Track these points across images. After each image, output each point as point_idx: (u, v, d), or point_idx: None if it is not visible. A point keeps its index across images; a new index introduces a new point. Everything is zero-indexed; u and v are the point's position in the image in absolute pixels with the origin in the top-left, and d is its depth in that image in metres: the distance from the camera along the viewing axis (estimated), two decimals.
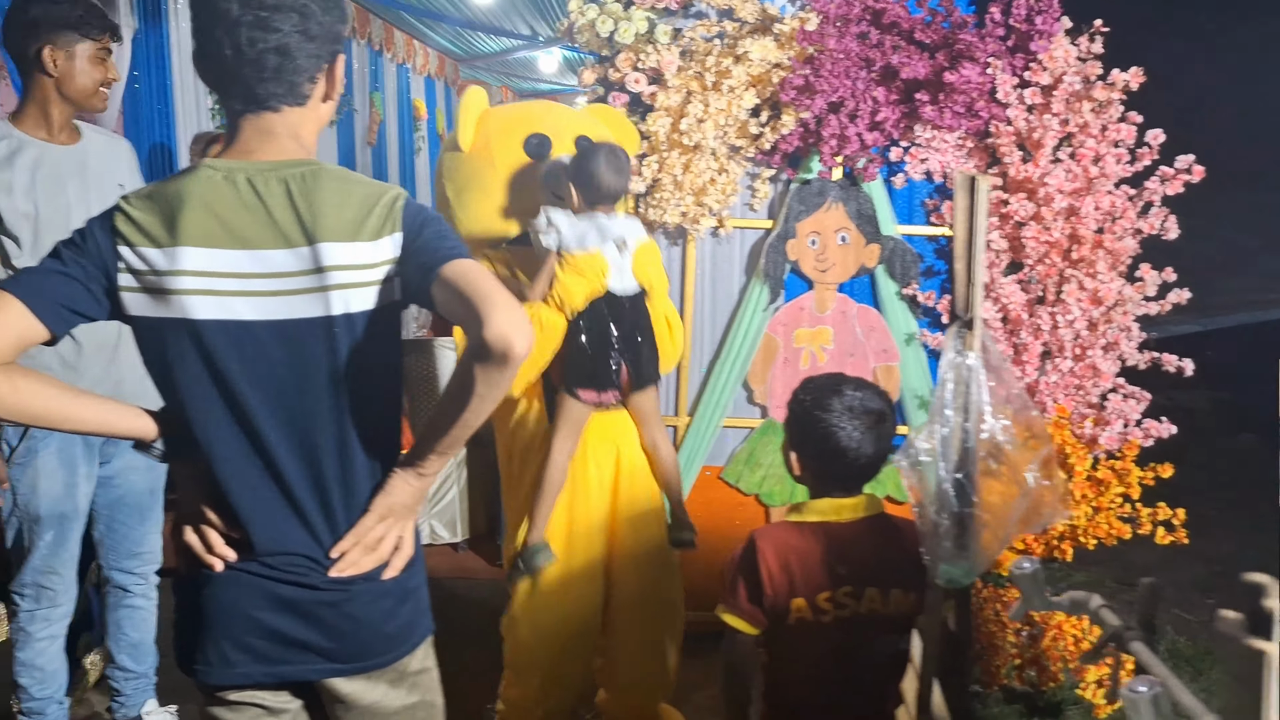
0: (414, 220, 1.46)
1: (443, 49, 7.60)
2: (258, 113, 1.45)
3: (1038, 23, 2.92)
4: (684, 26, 3.05)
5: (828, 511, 1.83)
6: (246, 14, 1.39)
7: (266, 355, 1.43)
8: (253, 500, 1.48)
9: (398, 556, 1.55)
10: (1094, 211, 3.00)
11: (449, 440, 1.44)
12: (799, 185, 3.16)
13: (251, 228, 1.41)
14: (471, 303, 1.34)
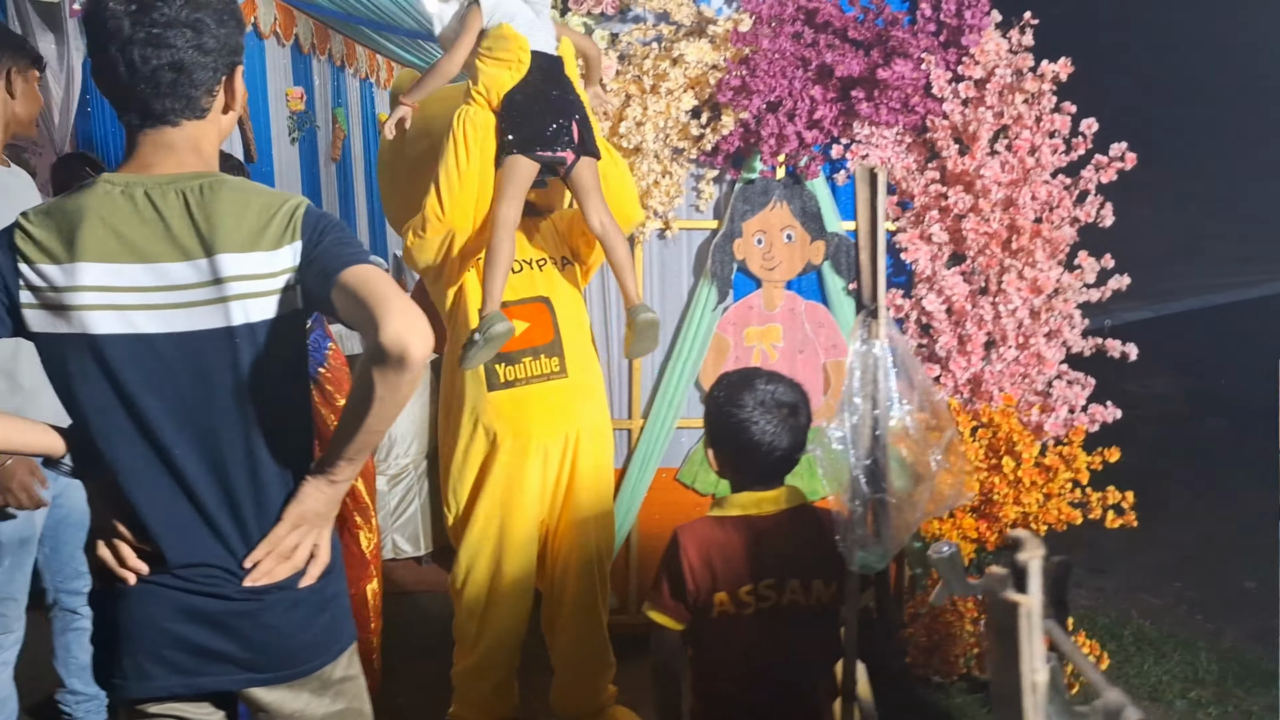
0: (314, 228, 1.47)
1: (406, 62, 7.62)
2: (156, 127, 1.46)
3: (967, 17, 2.96)
4: (621, 31, 3.08)
5: (748, 505, 1.85)
6: (139, 31, 1.40)
7: (169, 368, 1.44)
8: (163, 513, 1.49)
9: (313, 564, 1.57)
10: (1031, 201, 3.04)
11: (356, 446, 1.46)
12: (743, 185, 3.19)
13: (149, 241, 1.41)
14: (368, 306, 1.35)
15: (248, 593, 1.51)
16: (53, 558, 2.67)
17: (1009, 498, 2.99)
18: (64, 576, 2.70)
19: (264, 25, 5.45)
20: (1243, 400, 6.04)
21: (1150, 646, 3.56)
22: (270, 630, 1.53)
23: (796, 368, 3.27)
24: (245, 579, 1.51)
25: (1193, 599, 4.02)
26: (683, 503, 3.33)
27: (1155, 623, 3.76)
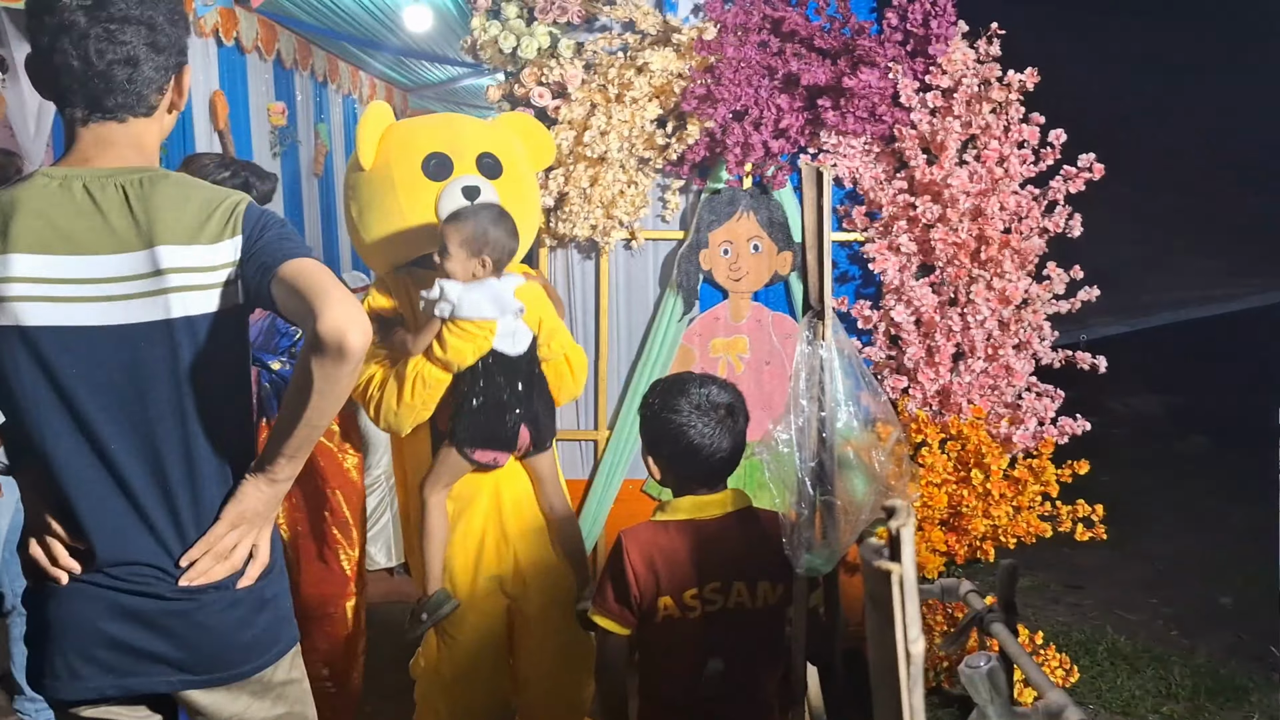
0: (255, 224, 1.47)
1: (389, 79, 7.64)
2: (101, 121, 1.45)
3: (934, 26, 2.95)
4: (586, 40, 3.07)
5: (691, 509, 1.83)
6: (95, 26, 1.39)
7: (104, 360, 1.43)
8: (97, 509, 1.46)
9: (253, 565, 1.54)
10: (1000, 212, 3.03)
11: (295, 442, 1.44)
12: (709, 195, 3.17)
13: (87, 234, 1.40)
14: (306, 298, 1.36)
15: (183, 592, 1.48)
16: (11, 563, 2.65)
17: (978, 510, 2.97)
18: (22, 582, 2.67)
19: (246, 40, 5.45)
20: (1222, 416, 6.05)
21: (1124, 661, 3.53)
22: (206, 631, 1.51)
23: (763, 379, 3.24)
24: (181, 578, 1.49)
25: (1169, 614, 3.99)
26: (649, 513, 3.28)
27: (1130, 638, 3.72)
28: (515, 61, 3.06)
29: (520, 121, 2.72)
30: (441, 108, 8.35)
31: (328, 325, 1.31)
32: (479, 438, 2.38)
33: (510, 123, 2.71)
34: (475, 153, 2.51)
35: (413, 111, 8.38)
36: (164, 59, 1.47)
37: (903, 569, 0.84)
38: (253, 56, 5.86)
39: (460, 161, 2.48)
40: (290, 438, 1.43)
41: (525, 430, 2.43)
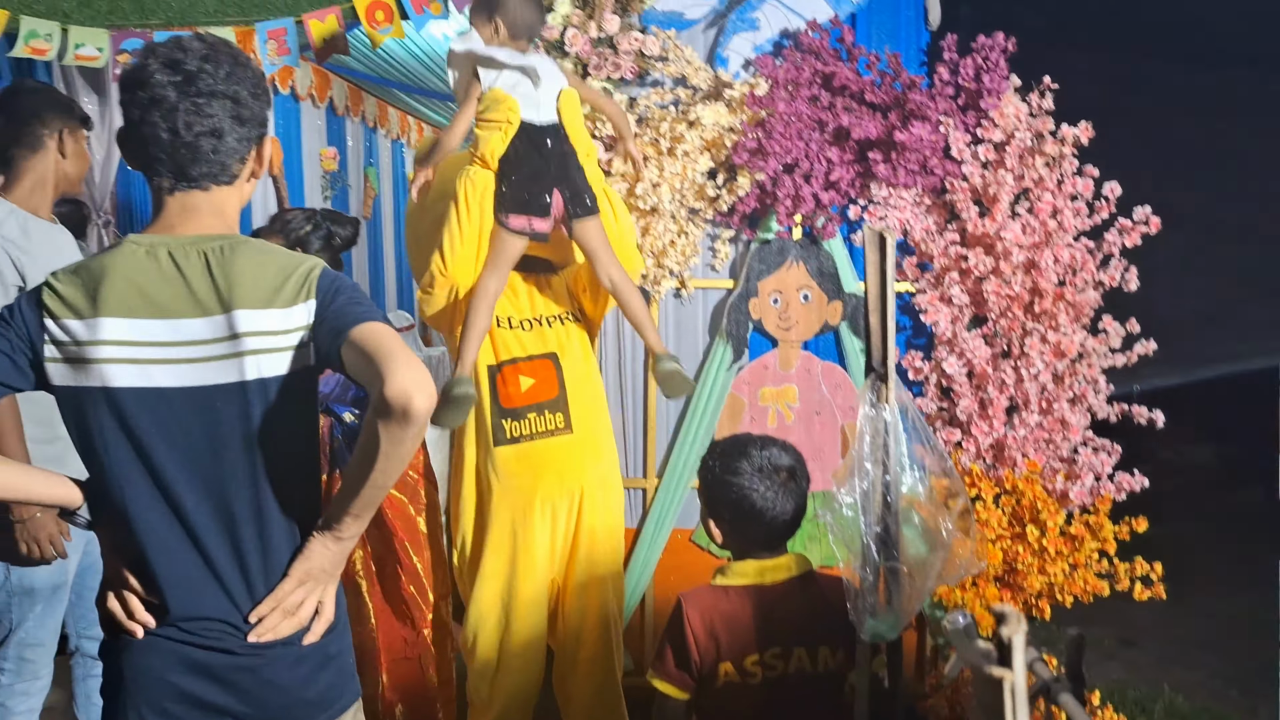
0: (328, 289, 1.51)
1: (437, 124, 7.75)
2: (186, 190, 1.52)
3: (986, 81, 2.96)
4: (639, 94, 3.11)
5: (753, 574, 1.81)
6: (184, 100, 1.46)
7: (182, 421, 1.47)
8: (171, 565, 1.50)
9: (318, 621, 1.56)
10: (1053, 264, 3.00)
11: (361, 502, 1.46)
12: (759, 245, 3.18)
13: (171, 299, 1.46)
14: (374, 361, 1.38)
15: (251, 648, 1.51)
16: (77, 604, 2.69)
17: (1033, 567, 2.91)
18: (87, 623, 2.71)
19: (300, 88, 5.59)
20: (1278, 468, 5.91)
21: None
22: (272, 687, 1.53)
23: (814, 429, 3.22)
24: (249, 634, 1.51)
25: (1227, 673, 3.89)
26: (698, 564, 3.26)
27: (1188, 697, 3.63)
28: None
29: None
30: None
31: (394, 389, 1.34)
32: (512, 204, 2.43)
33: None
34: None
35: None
36: (246, 130, 1.53)
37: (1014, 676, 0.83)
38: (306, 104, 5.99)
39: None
40: (356, 498, 1.45)
41: (558, 196, 2.46)
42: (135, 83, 1.48)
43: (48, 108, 2.51)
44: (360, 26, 3.21)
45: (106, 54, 3.25)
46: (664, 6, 3.13)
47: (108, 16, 3.28)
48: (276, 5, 3.25)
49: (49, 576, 2.52)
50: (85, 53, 3.25)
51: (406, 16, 3.17)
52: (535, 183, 2.43)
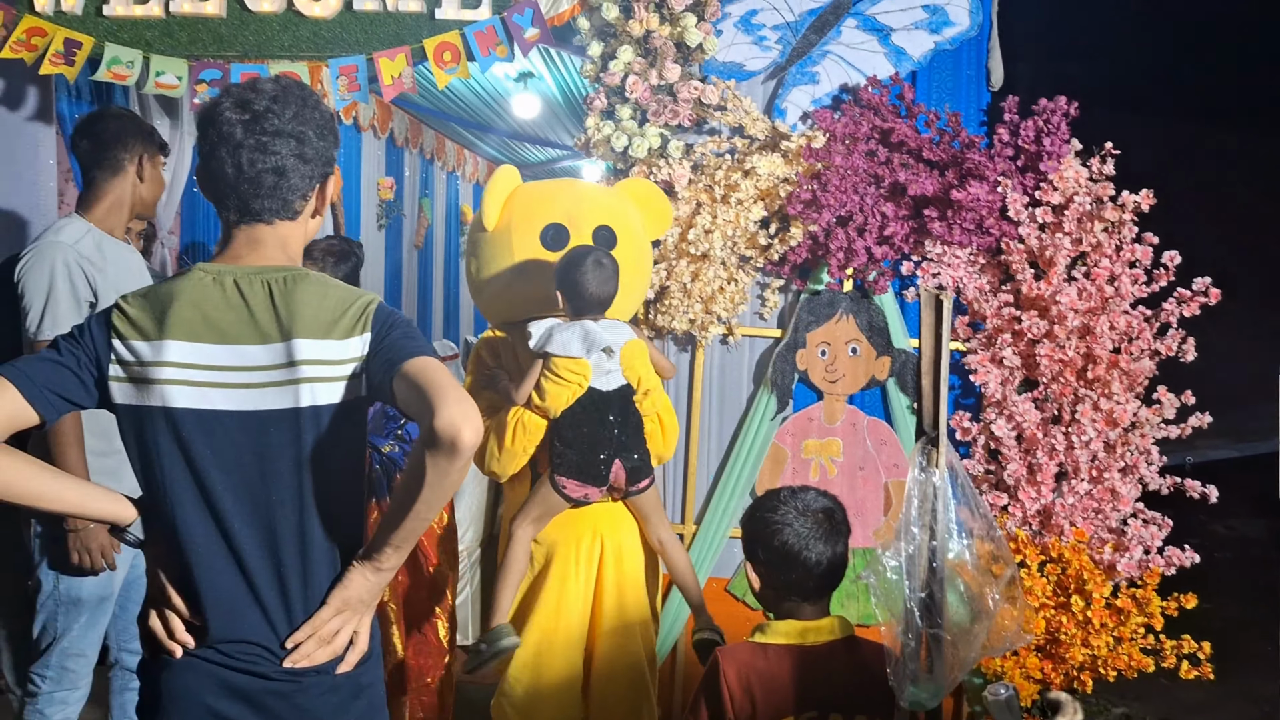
0: (384, 323, 1.55)
1: (491, 158, 7.88)
2: (251, 224, 1.58)
3: (1046, 144, 2.94)
4: (695, 142, 3.13)
5: (793, 634, 1.79)
6: (250, 138, 1.52)
7: (235, 444, 1.51)
8: (214, 586, 1.52)
9: (352, 651, 1.58)
10: (1109, 331, 2.96)
11: (403, 533, 1.48)
12: (809, 296, 3.18)
13: (233, 325, 1.51)
14: (425, 394, 1.41)
15: (286, 674, 1.53)
16: (120, 616, 2.72)
17: (1077, 639, 2.85)
18: (129, 636, 2.74)
19: (363, 120, 5.72)
20: None
21: None
22: (305, 714, 1.55)
23: (857, 484, 3.19)
24: (285, 660, 1.53)
25: None
26: (733, 615, 3.23)
27: None
28: (626, 159, 3.13)
29: (641, 189, 2.85)
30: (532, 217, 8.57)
31: (443, 422, 1.36)
32: (571, 469, 2.45)
33: (631, 190, 2.85)
34: (592, 225, 2.65)
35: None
36: (310, 169, 1.58)
37: None
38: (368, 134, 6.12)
39: (577, 233, 2.63)
40: (398, 529, 1.47)
41: (619, 466, 2.49)
42: (208, 120, 1.55)
43: (130, 133, 2.60)
44: (427, 64, 3.27)
45: (185, 83, 3.34)
46: (725, 57, 3.17)
47: (188, 47, 3.37)
48: (349, 42, 3.32)
49: (96, 588, 2.56)
50: (165, 81, 3.34)
51: (473, 58, 3.23)
52: (596, 450, 2.46)
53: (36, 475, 1.48)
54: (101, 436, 2.52)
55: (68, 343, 1.53)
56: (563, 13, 3.19)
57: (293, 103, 1.55)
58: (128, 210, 2.65)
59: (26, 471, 1.47)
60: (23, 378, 1.47)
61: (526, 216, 2.65)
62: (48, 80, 3.70)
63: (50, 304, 2.42)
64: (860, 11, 3.12)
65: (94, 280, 2.48)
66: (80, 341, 1.53)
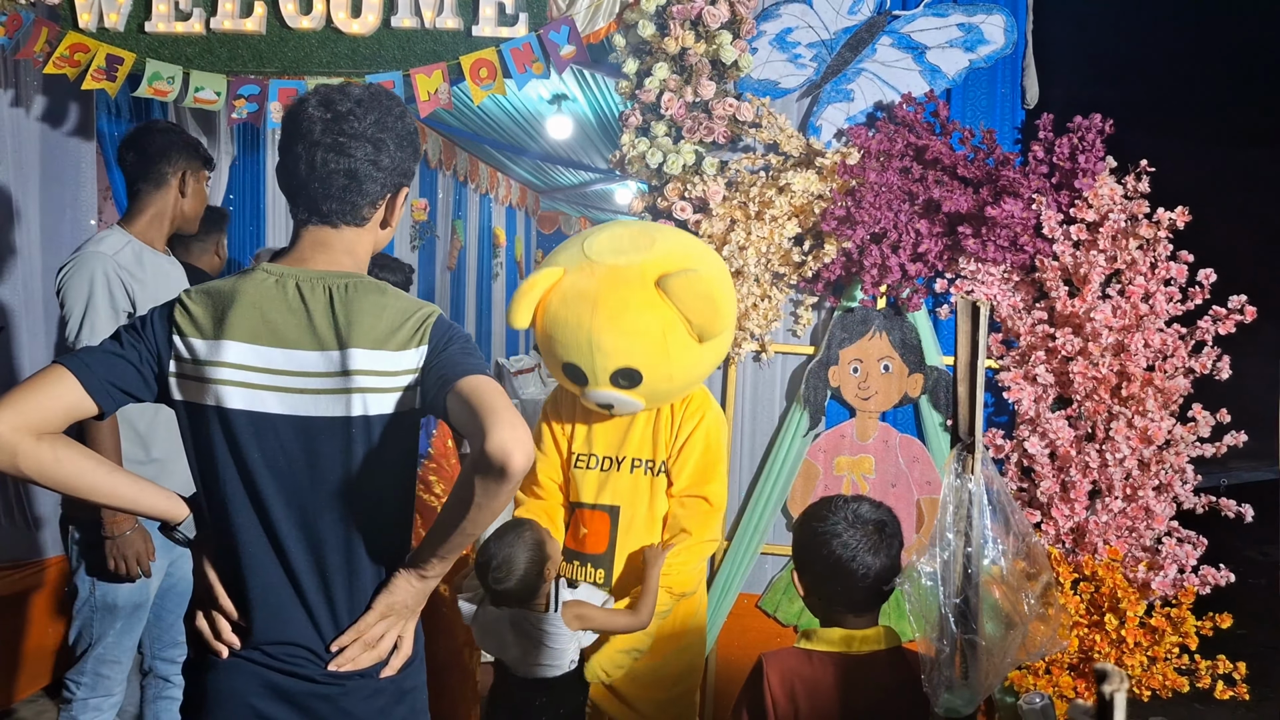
0: (441, 337, 1.54)
1: (524, 180, 7.95)
2: (319, 225, 1.58)
3: (1081, 161, 2.94)
4: (730, 159, 3.16)
5: (839, 642, 1.78)
6: (327, 136, 1.52)
7: (286, 448, 1.51)
8: (261, 587, 1.54)
9: (396, 656, 1.58)
10: (1144, 349, 2.95)
11: (449, 546, 1.48)
12: (842, 313, 3.18)
13: (292, 329, 1.51)
14: (478, 415, 1.40)
15: (330, 676, 1.54)
16: (154, 624, 2.75)
17: (1110, 657, 2.83)
18: (162, 644, 2.76)
19: None
20: None
21: None
22: (348, 717, 1.55)
23: (889, 501, 3.12)
24: (330, 663, 1.53)
25: None
26: (764, 630, 3.23)
27: None
28: (660, 176, 3.16)
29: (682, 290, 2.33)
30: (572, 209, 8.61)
31: (494, 445, 1.34)
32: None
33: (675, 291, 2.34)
34: (610, 371, 2.37)
35: (544, 213, 8.67)
36: (384, 177, 1.57)
37: None
38: None
39: (594, 380, 2.41)
40: (445, 542, 1.48)
41: None
42: (291, 115, 1.56)
43: (175, 147, 2.66)
44: (463, 82, 3.33)
45: (224, 98, 3.41)
46: (760, 74, 3.20)
47: (227, 64, 3.44)
48: (386, 59, 3.38)
49: (131, 595, 2.59)
50: (204, 96, 3.42)
51: (509, 75, 3.28)
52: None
53: (95, 469, 1.47)
54: (139, 444, 2.56)
55: (129, 335, 1.54)
56: (599, 30, 3.23)
57: (376, 109, 1.55)
58: (169, 223, 2.70)
59: (85, 465, 1.46)
60: (84, 369, 1.47)
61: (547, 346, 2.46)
62: (89, 96, 3.80)
63: (89, 313, 2.47)
64: (895, 30, 3.15)
65: (132, 291, 2.53)
66: (142, 335, 1.53)
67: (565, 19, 3.22)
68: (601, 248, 2.41)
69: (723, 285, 2.46)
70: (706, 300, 2.33)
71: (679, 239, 2.52)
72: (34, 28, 3.40)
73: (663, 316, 2.33)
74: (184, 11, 3.43)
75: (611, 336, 2.33)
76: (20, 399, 1.41)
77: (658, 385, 2.40)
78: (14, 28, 3.41)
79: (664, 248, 2.41)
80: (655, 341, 2.34)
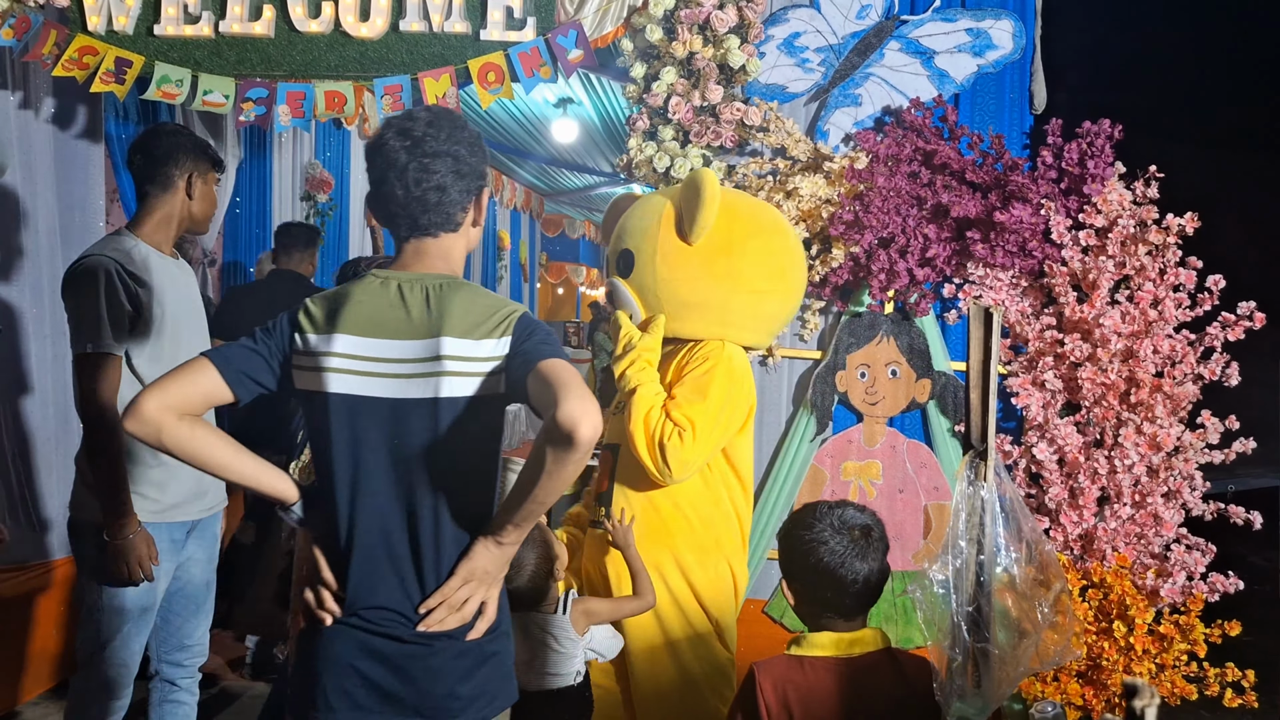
0: (524, 329, 1.68)
1: (528, 184, 7.95)
2: (419, 238, 1.75)
3: (1090, 166, 2.94)
4: (737, 163, 3.16)
5: (830, 646, 1.77)
6: (413, 160, 1.69)
7: (383, 427, 1.67)
8: (361, 558, 1.68)
9: (481, 620, 1.70)
10: (1152, 355, 2.94)
11: (523, 514, 1.61)
12: (850, 317, 3.18)
13: (392, 321, 1.68)
14: (551, 389, 1.53)
15: (419, 636, 1.66)
16: (162, 627, 2.74)
17: (1119, 664, 2.82)
18: (169, 647, 2.75)
19: None
20: None
21: None
22: (436, 675, 1.66)
23: (896, 507, 3.18)
24: (419, 624, 1.66)
25: None
26: (770, 636, 3.22)
27: None
28: (667, 180, 3.15)
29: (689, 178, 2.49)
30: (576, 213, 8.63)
31: (564, 415, 1.46)
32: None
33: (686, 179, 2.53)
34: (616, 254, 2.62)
35: (548, 216, 8.68)
36: (466, 183, 1.74)
37: None
38: None
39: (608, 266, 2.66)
40: (519, 510, 1.60)
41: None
42: (375, 150, 1.72)
43: (182, 150, 2.63)
44: (470, 86, 3.32)
45: (232, 101, 3.41)
46: (768, 79, 3.20)
47: (236, 67, 3.44)
48: (394, 63, 3.38)
49: (138, 598, 2.58)
50: (212, 99, 3.42)
51: (517, 79, 3.28)
52: None
53: (225, 448, 1.66)
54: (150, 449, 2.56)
55: (262, 333, 1.73)
56: (606, 35, 3.23)
57: (445, 126, 1.72)
58: (176, 226, 2.68)
59: (217, 444, 1.65)
60: (223, 361, 1.67)
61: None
62: (98, 99, 3.79)
63: (94, 316, 2.46)
64: (903, 34, 3.15)
65: (137, 294, 2.52)
66: (272, 333, 1.73)
67: (573, 23, 3.22)
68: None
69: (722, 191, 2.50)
70: (693, 189, 2.45)
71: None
72: (43, 30, 3.40)
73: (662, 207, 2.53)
74: (193, 14, 3.43)
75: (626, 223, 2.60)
76: (168, 384, 1.62)
77: (645, 278, 2.51)
78: (23, 30, 3.41)
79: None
80: (649, 228, 2.53)
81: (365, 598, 1.67)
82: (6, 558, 3.50)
